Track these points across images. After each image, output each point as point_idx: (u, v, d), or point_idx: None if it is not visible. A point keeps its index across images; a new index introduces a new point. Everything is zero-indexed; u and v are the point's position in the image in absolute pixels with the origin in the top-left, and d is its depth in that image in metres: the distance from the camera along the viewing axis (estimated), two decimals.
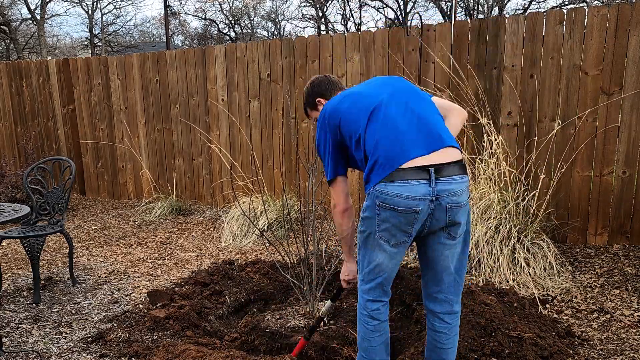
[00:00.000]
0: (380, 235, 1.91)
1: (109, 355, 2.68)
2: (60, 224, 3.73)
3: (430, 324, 2.11)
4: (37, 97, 6.92)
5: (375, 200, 1.88)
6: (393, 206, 1.84)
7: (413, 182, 1.81)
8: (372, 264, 1.97)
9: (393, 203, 1.83)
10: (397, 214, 1.84)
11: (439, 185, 1.82)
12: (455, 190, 1.85)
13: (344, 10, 29.40)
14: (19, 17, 26.82)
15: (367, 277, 2.01)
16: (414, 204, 1.81)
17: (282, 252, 3.95)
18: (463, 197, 1.88)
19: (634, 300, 3.19)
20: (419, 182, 1.81)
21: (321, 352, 2.55)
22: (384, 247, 1.92)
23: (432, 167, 1.82)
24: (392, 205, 1.84)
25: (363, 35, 4.84)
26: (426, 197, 1.81)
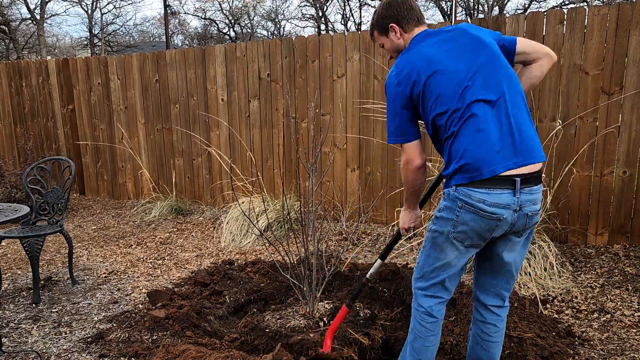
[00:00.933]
0: (456, 237, 1.89)
1: (109, 355, 2.68)
2: (59, 224, 3.72)
3: (479, 316, 2.10)
4: (37, 97, 6.92)
5: (456, 202, 1.85)
6: (478, 211, 1.81)
7: (499, 190, 1.79)
8: (439, 262, 1.95)
9: (478, 208, 1.81)
10: (480, 219, 1.82)
11: (523, 196, 1.82)
12: (535, 199, 1.86)
13: (344, 10, 29.40)
14: (18, 16, 26.81)
15: (429, 275, 1.99)
16: (500, 211, 1.80)
17: (282, 252, 3.95)
18: (539, 205, 1.91)
19: (635, 300, 3.19)
20: (505, 191, 1.80)
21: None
22: (457, 246, 1.90)
23: (519, 178, 1.80)
24: (476, 210, 1.82)
25: (363, 35, 4.84)
26: (510, 207, 1.81)
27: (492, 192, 1.79)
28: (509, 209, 1.81)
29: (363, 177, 5.06)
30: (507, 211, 1.81)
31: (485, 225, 1.83)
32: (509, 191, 1.80)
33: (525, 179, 1.81)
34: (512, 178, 1.79)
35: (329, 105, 5.09)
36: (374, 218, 5.08)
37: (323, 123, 5.13)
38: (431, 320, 2.01)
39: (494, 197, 1.79)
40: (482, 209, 1.80)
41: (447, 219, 1.89)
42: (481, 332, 2.09)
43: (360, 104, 4.93)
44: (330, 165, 5.15)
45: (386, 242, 4.53)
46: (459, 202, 1.84)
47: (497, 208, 1.80)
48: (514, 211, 1.81)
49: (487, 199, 1.79)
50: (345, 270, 3.59)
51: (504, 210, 1.80)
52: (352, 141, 5.05)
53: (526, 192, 1.82)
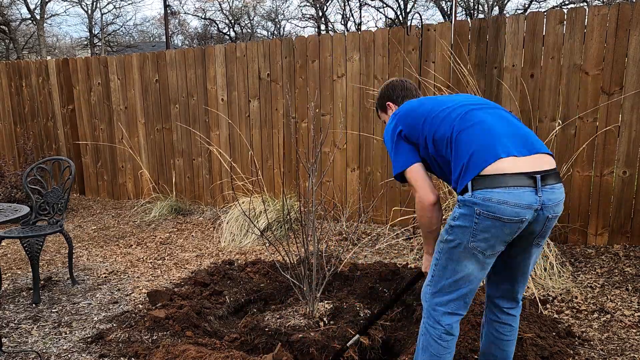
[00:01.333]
0: (475, 247, 1.76)
1: (109, 355, 2.68)
2: (59, 224, 3.72)
3: (493, 316, 2.07)
4: (37, 97, 6.92)
5: (474, 208, 1.71)
6: (499, 215, 1.68)
7: (519, 188, 1.68)
8: (458, 275, 1.82)
9: (498, 212, 1.68)
10: (501, 224, 1.70)
11: (545, 194, 1.72)
12: (558, 200, 1.77)
13: (344, 10, 29.39)
14: (18, 17, 26.81)
15: (447, 289, 1.86)
16: (522, 212, 1.68)
17: (282, 252, 3.95)
18: (561, 207, 1.82)
19: (635, 300, 3.19)
20: (526, 189, 1.69)
21: (321, 352, 2.54)
22: (477, 257, 1.78)
23: (539, 174, 1.71)
24: (497, 214, 1.68)
25: (363, 35, 4.84)
26: (532, 206, 1.69)
27: (512, 190, 1.67)
28: (531, 209, 1.70)
29: (363, 177, 5.06)
30: (529, 211, 1.70)
31: (508, 230, 1.71)
32: (530, 189, 1.69)
33: (545, 176, 1.72)
34: (531, 175, 1.70)
35: (329, 105, 5.09)
36: (374, 218, 5.08)
37: (323, 123, 5.13)
38: (449, 338, 1.90)
39: (514, 196, 1.67)
40: (504, 213, 1.68)
41: (464, 227, 1.76)
42: (496, 332, 2.07)
43: (360, 103, 4.93)
44: (330, 165, 5.15)
45: (386, 243, 4.53)
46: (476, 208, 1.71)
47: (520, 208, 1.68)
48: (535, 211, 1.71)
49: (508, 199, 1.67)
50: (345, 270, 3.59)
51: (527, 211, 1.69)
52: (352, 141, 5.05)
53: (548, 190, 1.73)
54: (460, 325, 2.67)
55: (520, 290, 2.03)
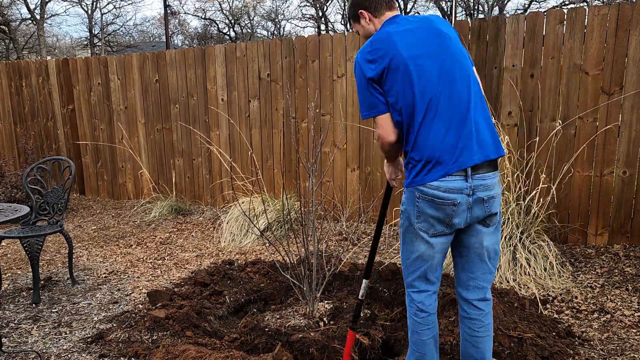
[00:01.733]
0: (420, 227, 1.96)
1: (109, 355, 2.68)
2: (59, 224, 3.72)
3: (464, 313, 2.11)
4: (37, 97, 6.92)
5: (414, 193, 1.94)
6: (433, 198, 1.90)
7: (451, 177, 1.88)
8: (414, 255, 2.02)
9: (432, 195, 1.90)
10: (436, 206, 1.90)
11: (475, 181, 1.89)
12: (488, 184, 1.93)
13: (344, 10, 29.40)
14: (18, 17, 26.82)
15: (409, 269, 2.06)
16: (452, 196, 1.88)
17: (282, 252, 3.95)
18: (496, 189, 1.96)
19: (635, 300, 3.19)
20: (456, 178, 1.88)
21: (322, 352, 2.54)
22: (424, 236, 1.97)
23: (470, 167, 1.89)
24: (431, 197, 1.90)
25: None
26: (463, 191, 1.88)
27: (444, 180, 1.88)
28: (462, 193, 1.88)
29: (363, 177, 5.06)
30: (460, 195, 1.88)
31: (442, 211, 1.90)
32: (461, 178, 1.88)
33: (475, 167, 1.89)
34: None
35: (329, 105, 5.09)
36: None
37: (323, 123, 5.13)
38: (423, 315, 2.06)
39: (447, 183, 1.88)
40: (437, 196, 1.89)
41: (409, 212, 1.98)
42: (468, 329, 2.10)
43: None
44: (330, 165, 5.16)
45: (386, 242, 4.53)
46: (416, 193, 1.93)
47: (450, 193, 1.88)
48: (467, 195, 1.89)
49: (440, 185, 1.88)
50: (345, 270, 3.59)
51: (457, 195, 1.88)
52: (352, 141, 5.05)
53: (478, 178, 1.90)
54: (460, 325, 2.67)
55: (483, 279, 2.05)
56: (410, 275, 2.06)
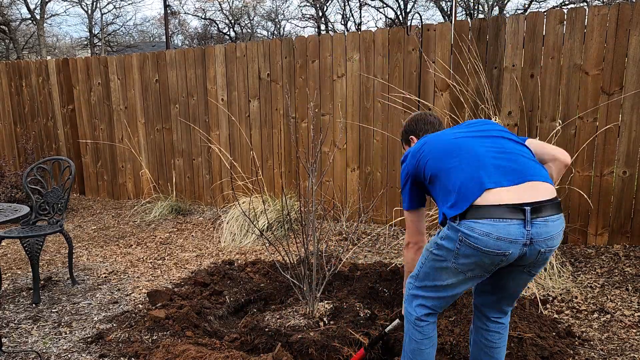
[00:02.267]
0: (457, 267, 1.78)
1: (109, 355, 2.68)
2: (59, 224, 3.72)
3: (482, 325, 2.07)
4: (37, 97, 6.92)
5: (458, 234, 1.72)
6: (479, 246, 1.67)
7: (506, 221, 1.63)
8: (439, 283, 1.86)
9: (479, 243, 1.66)
10: (481, 254, 1.68)
11: (535, 228, 1.64)
12: (552, 233, 1.69)
13: (344, 10, 29.40)
14: (18, 17, 26.81)
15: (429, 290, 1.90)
16: (505, 246, 1.64)
17: (282, 252, 3.95)
18: (558, 241, 1.73)
19: (635, 300, 3.19)
20: (513, 222, 1.63)
21: (321, 352, 2.54)
22: (458, 275, 1.80)
23: (529, 206, 1.63)
24: (478, 245, 1.67)
25: (363, 35, 4.84)
26: (519, 241, 1.64)
27: (496, 223, 1.63)
28: (517, 244, 1.64)
29: (363, 177, 5.06)
30: (514, 246, 1.64)
31: (488, 260, 1.70)
32: (518, 221, 1.63)
33: (537, 208, 1.64)
34: (520, 207, 1.64)
35: (329, 105, 5.09)
36: (374, 218, 5.08)
37: (323, 123, 5.13)
38: (423, 324, 1.95)
39: (498, 229, 1.63)
40: (485, 244, 1.65)
41: (447, 249, 1.78)
42: (485, 340, 2.07)
43: (360, 103, 4.93)
44: (330, 165, 5.15)
45: (386, 242, 4.52)
46: (459, 235, 1.71)
47: (503, 242, 1.63)
48: (523, 245, 1.65)
49: (491, 232, 1.64)
50: (345, 270, 3.59)
51: (510, 245, 1.64)
52: (352, 141, 5.05)
53: (540, 223, 1.65)
54: (460, 326, 2.67)
55: (509, 306, 2.03)
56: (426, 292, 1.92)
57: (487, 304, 2.04)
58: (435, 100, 4.57)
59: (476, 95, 4.32)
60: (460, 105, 4.42)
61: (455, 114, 4.43)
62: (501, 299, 2.00)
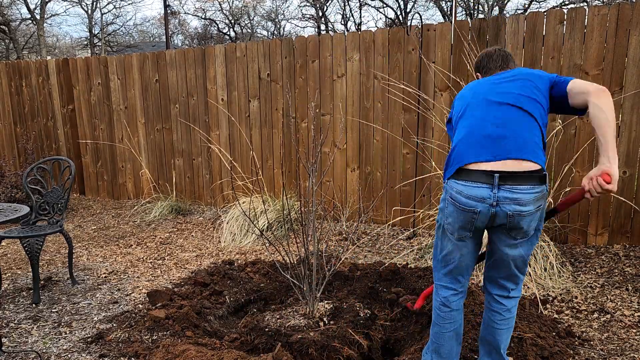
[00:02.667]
0: (447, 228, 2.05)
1: (109, 355, 2.68)
2: (59, 224, 3.72)
3: (487, 303, 2.21)
4: (37, 97, 6.92)
5: (446, 194, 2.03)
6: (455, 202, 1.96)
7: (476, 184, 1.91)
8: (444, 252, 2.11)
9: (456, 200, 1.96)
10: (458, 211, 1.96)
11: (501, 192, 1.88)
12: (519, 199, 1.88)
13: (344, 10, 29.40)
14: (18, 16, 26.80)
15: (440, 264, 2.16)
16: (473, 204, 1.91)
17: (282, 252, 3.95)
18: (529, 207, 1.90)
19: (634, 300, 3.19)
20: (481, 186, 1.90)
21: (321, 352, 2.54)
22: (450, 238, 2.06)
23: (498, 174, 1.88)
24: (455, 202, 1.97)
25: (363, 35, 4.84)
26: (486, 201, 1.89)
27: (470, 184, 1.92)
28: (485, 203, 1.89)
29: (363, 177, 5.06)
30: (481, 205, 1.90)
31: (462, 217, 1.96)
32: (487, 185, 1.89)
33: (504, 176, 1.87)
34: (491, 173, 1.88)
35: (329, 105, 5.09)
36: (374, 218, 5.08)
37: (323, 123, 5.13)
38: (445, 310, 2.15)
39: (470, 189, 1.92)
40: (459, 201, 1.94)
41: (441, 210, 2.08)
42: (489, 319, 2.19)
43: (360, 103, 4.93)
44: (330, 165, 5.15)
45: (386, 242, 4.52)
46: (447, 194, 2.02)
47: (472, 200, 1.91)
48: (490, 205, 1.89)
49: (464, 190, 1.93)
50: (345, 270, 3.59)
51: (478, 203, 1.90)
52: (352, 141, 5.05)
53: (506, 190, 1.87)
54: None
55: (507, 280, 2.11)
56: (439, 270, 2.16)
57: (489, 279, 2.16)
58: (435, 100, 4.57)
59: None
60: None
61: None
62: (499, 270, 2.10)
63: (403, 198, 4.87)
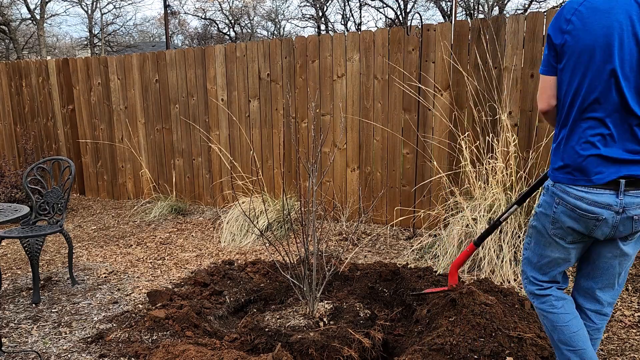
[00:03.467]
0: (555, 234, 1.84)
1: (109, 355, 2.68)
2: (59, 224, 3.72)
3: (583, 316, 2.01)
4: (37, 97, 6.92)
5: (554, 198, 1.80)
6: (574, 208, 1.74)
7: (599, 189, 1.70)
8: (546, 259, 1.93)
9: (574, 205, 1.73)
10: (576, 217, 1.74)
11: (627, 198, 1.69)
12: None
13: (344, 10, 29.43)
14: (18, 16, 26.81)
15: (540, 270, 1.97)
16: (598, 210, 1.70)
17: (282, 252, 3.95)
18: None
19: (635, 300, 3.19)
20: (606, 192, 1.69)
21: (321, 352, 2.54)
22: (560, 243, 1.85)
23: (624, 180, 1.68)
24: (572, 207, 1.74)
25: (363, 35, 4.84)
26: (612, 207, 1.69)
27: (591, 190, 1.70)
28: (610, 210, 1.69)
29: (363, 177, 5.06)
30: (607, 211, 1.69)
31: (583, 224, 1.74)
32: (611, 192, 1.69)
33: (631, 181, 1.68)
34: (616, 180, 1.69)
35: (329, 105, 5.09)
36: (374, 218, 5.08)
37: (323, 123, 5.13)
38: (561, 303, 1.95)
39: (593, 195, 1.70)
40: (579, 207, 1.71)
41: (545, 215, 1.85)
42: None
43: (360, 103, 4.93)
44: (330, 165, 5.15)
45: (386, 243, 4.53)
46: (556, 198, 1.78)
47: (596, 207, 1.69)
48: (616, 213, 1.69)
49: (585, 196, 1.71)
50: (345, 270, 3.59)
51: (604, 210, 1.69)
52: (352, 141, 5.05)
53: (631, 195, 1.70)
54: (460, 326, 2.67)
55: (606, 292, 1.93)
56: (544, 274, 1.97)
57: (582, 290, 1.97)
58: (435, 100, 4.57)
59: (476, 95, 4.32)
60: (460, 105, 4.42)
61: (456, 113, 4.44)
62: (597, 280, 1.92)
63: (403, 198, 4.87)
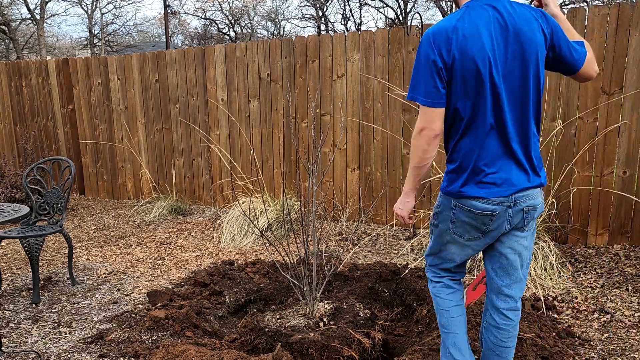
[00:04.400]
0: (455, 232, 1.95)
1: (109, 355, 2.68)
2: (59, 224, 3.72)
3: (493, 322, 2.06)
4: (37, 97, 6.91)
5: (451, 200, 1.90)
6: (470, 208, 1.86)
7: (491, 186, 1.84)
8: (443, 253, 2.05)
9: (470, 205, 1.85)
10: (474, 215, 1.86)
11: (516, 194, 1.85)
12: (530, 194, 1.87)
13: (344, 10, 29.41)
14: (18, 16, 26.80)
15: (435, 261, 2.12)
16: (492, 207, 1.83)
17: (282, 252, 3.95)
18: (537, 199, 1.90)
19: (635, 300, 3.19)
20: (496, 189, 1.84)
21: (321, 352, 2.54)
22: (458, 240, 1.96)
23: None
24: (468, 207, 1.86)
25: (363, 35, 4.84)
26: (504, 202, 1.83)
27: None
28: (502, 205, 1.83)
29: (363, 177, 5.06)
30: (500, 207, 1.83)
31: (480, 220, 1.87)
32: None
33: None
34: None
35: (329, 105, 5.09)
36: (374, 218, 5.08)
37: (323, 123, 5.13)
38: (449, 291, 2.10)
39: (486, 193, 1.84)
40: (475, 207, 1.84)
41: (445, 216, 1.96)
42: (494, 338, 2.05)
43: (360, 103, 4.93)
44: (330, 165, 5.15)
45: (386, 243, 4.53)
46: (453, 201, 1.90)
47: (489, 205, 1.83)
48: (507, 207, 1.83)
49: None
50: (345, 270, 3.59)
51: (496, 206, 1.83)
52: (352, 141, 5.05)
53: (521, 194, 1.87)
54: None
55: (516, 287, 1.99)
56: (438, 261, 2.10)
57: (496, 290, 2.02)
58: None
59: None
60: None
61: None
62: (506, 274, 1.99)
63: None
